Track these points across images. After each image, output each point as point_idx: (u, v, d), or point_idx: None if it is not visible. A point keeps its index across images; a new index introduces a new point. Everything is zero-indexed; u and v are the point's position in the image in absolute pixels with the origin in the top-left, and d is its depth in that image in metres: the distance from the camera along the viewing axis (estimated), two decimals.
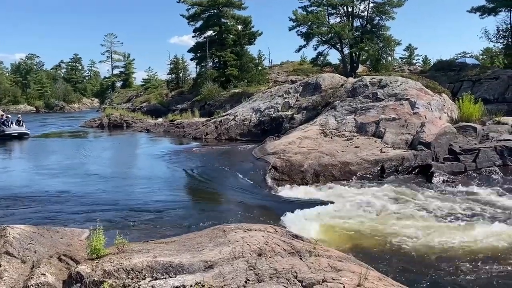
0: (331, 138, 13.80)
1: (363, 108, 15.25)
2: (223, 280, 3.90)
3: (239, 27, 43.79)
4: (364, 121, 14.36)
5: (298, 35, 35.01)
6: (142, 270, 4.14)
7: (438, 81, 20.98)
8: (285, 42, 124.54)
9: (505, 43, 32.24)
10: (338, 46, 35.72)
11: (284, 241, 4.83)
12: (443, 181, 10.77)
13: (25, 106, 69.15)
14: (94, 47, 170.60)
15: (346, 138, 13.52)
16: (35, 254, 4.68)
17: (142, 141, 23.97)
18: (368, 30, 35.02)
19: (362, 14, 35.78)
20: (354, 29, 35.38)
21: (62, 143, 24.44)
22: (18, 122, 26.21)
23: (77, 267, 4.32)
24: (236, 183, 11.44)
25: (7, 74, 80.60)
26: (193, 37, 45.19)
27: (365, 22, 35.62)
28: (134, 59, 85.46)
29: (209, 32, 43.89)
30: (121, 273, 4.11)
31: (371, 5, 34.69)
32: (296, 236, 5.34)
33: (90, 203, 9.55)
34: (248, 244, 4.58)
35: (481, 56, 43.58)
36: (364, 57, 37.88)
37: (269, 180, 11.24)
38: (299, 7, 35.05)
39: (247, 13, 46.51)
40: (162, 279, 4.03)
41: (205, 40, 43.40)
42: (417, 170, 11.69)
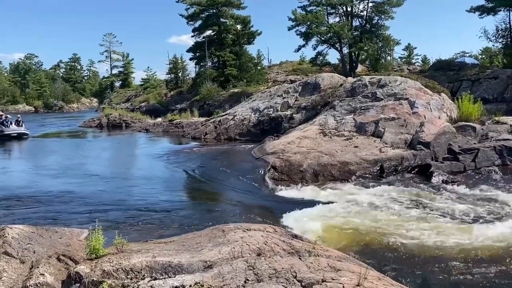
0: (330, 138, 13.80)
1: (362, 108, 15.25)
2: (222, 280, 3.90)
3: (238, 26, 43.76)
4: (363, 121, 14.36)
5: (297, 34, 35.07)
6: (141, 270, 4.14)
7: (437, 81, 21.00)
8: (284, 42, 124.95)
9: (504, 42, 32.27)
10: (337, 46, 35.74)
11: (284, 241, 4.83)
12: (442, 180, 10.76)
13: (23, 106, 69.00)
14: (93, 47, 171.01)
15: (345, 138, 13.52)
16: (34, 254, 4.67)
17: (141, 141, 23.95)
18: (367, 30, 35.04)
19: (361, 13, 35.86)
20: (353, 28, 35.41)
21: (61, 143, 24.41)
22: (18, 122, 26.07)
23: (76, 267, 4.31)
24: (235, 183, 11.43)
25: (5, 74, 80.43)
26: (192, 36, 45.24)
27: (364, 21, 35.64)
28: (133, 59, 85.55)
29: (208, 32, 43.86)
30: (120, 273, 4.11)
31: (370, 4, 34.75)
32: (295, 236, 5.34)
33: (89, 203, 9.55)
34: (247, 244, 4.57)
35: (480, 56, 43.60)
36: (363, 56, 37.92)
37: (268, 180, 11.23)
38: (298, 7, 35.13)
39: (246, 12, 46.62)
40: (161, 279, 4.03)
41: (204, 39, 43.38)
42: (416, 169, 11.69)
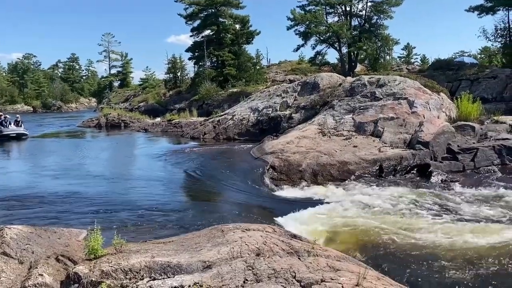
0: (330, 137, 13.79)
1: (361, 108, 15.24)
2: (221, 280, 3.89)
3: (237, 26, 43.74)
4: (362, 121, 14.35)
5: (296, 34, 35.08)
6: (140, 270, 4.13)
7: (437, 80, 20.98)
8: (283, 42, 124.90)
9: (503, 42, 32.31)
10: (336, 45, 35.77)
11: (283, 241, 4.82)
12: (441, 180, 10.78)
13: (22, 106, 68.93)
14: (91, 47, 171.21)
15: (344, 138, 13.51)
16: (33, 255, 4.66)
17: (140, 141, 23.92)
18: (366, 29, 35.05)
19: (360, 13, 35.90)
20: (352, 28, 35.42)
21: (60, 143, 24.35)
22: (17, 122, 25.85)
23: (75, 267, 4.30)
24: (234, 183, 11.42)
25: (4, 74, 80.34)
26: (190, 36, 45.26)
27: (363, 21, 35.67)
28: (131, 59, 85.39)
29: (207, 32, 43.84)
30: (119, 273, 4.10)
31: (369, 4, 34.81)
32: (294, 236, 5.33)
33: (88, 203, 9.53)
34: (246, 244, 4.57)
35: (479, 55, 43.71)
36: (362, 56, 37.94)
37: (267, 179, 11.22)
38: (297, 6, 35.16)
39: (245, 12, 46.53)
40: (160, 279, 4.02)
41: (203, 39, 43.36)
42: (415, 169, 11.70)
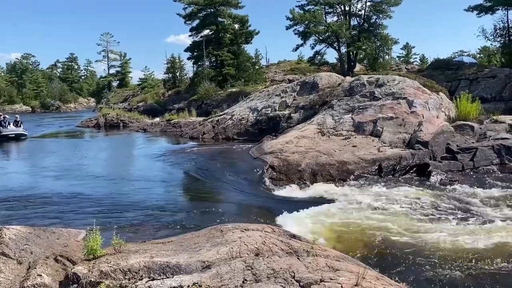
0: (329, 137, 13.79)
1: (361, 107, 15.24)
2: (221, 280, 3.88)
3: (236, 26, 43.70)
4: (361, 120, 14.36)
5: (295, 34, 35.04)
6: (139, 270, 4.12)
7: (436, 80, 20.96)
8: (282, 41, 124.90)
9: (502, 41, 32.27)
10: (335, 45, 35.75)
11: (282, 241, 4.81)
12: (440, 180, 10.78)
13: (20, 106, 68.82)
14: (90, 47, 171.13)
15: (343, 137, 13.51)
16: (31, 255, 4.64)
17: (139, 141, 23.90)
18: (365, 29, 35.03)
19: (359, 13, 35.85)
20: (351, 28, 35.38)
21: (59, 143, 24.30)
22: (16, 122, 25.65)
23: (73, 268, 4.29)
24: (233, 183, 11.42)
25: (2, 74, 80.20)
26: (189, 36, 45.18)
27: (362, 21, 35.64)
28: (130, 59, 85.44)
29: (206, 31, 43.78)
30: (118, 273, 4.09)
31: (368, 3, 34.76)
32: (293, 236, 5.32)
33: (87, 203, 9.53)
34: (245, 244, 4.56)
35: (478, 55, 43.67)
36: (361, 56, 37.92)
37: (266, 179, 11.22)
38: (296, 6, 35.09)
39: (244, 12, 46.47)
40: (159, 279, 4.01)
41: (202, 39, 43.31)
42: (414, 169, 11.71)
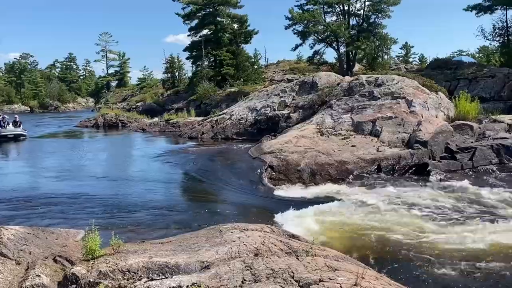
0: (328, 137, 13.79)
1: (360, 107, 15.24)
2: (220, 280, 3.88)
3: (235, 25, 43.62)
4: (360, 120, 14.36)
5: (294, 33, 34.95)
6: (138, 270, 4.12)
7: (435, 80, 20.95)
8: (281, 41, 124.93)
9: (501, 41, 32.26)
10: (334, 45, 35.71)
11: (281, 241, 4.81)
12: (439, 179, 10.78)
13: (19, 106, 68.69)
14: (89, 46, 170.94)
15: (342, 137, 13.51)
16: (30, 255, 4.64)
17: (138, 141, 23.89)
18: (364, 29, 34.99)
19: (358, 12, 35.77)
20: (350, 27, 35.33)
21: (58, 143, 24.24)
22: (15, 123, 25.51)
23: (72, 268, 4.28)
24: (232, 183, 11.42)
25: (0, 74, 79.96)
26: (188, 36, 44.99)
27: (361, 20, 35.60)
28: (129, 58, 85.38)
29: (205, 31, 43.67)
30: (116, 274, 4.08)
31: (367, 3, 34.64)
32: (292, 236, 5.32)
33: (86, 204, 9.52)
34: (244, 244, 4.55)
35: (477, 55, 43.69)
36: (360, 55, 37.86)
37: (265, 179, 11.21)
38: (295, 6, 34.96)
39: (243, 11, 46.53)
40: (158, 279, 4.00)
41: (200, 39, 43.23)
42: (413, 168, 11.70)
